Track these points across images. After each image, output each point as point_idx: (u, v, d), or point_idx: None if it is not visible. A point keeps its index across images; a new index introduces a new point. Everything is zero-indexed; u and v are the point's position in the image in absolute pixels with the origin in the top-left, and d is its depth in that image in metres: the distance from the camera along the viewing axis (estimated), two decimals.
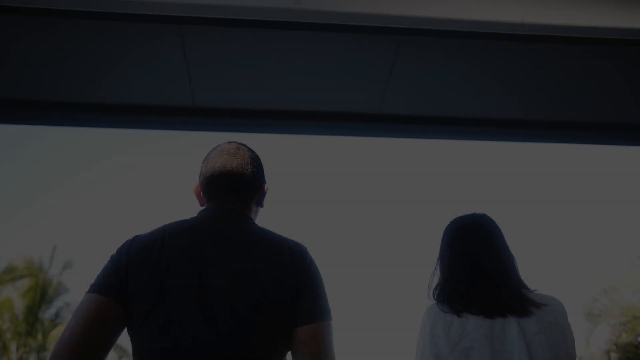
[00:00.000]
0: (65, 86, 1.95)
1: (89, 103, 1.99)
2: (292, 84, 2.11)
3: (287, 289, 0.95)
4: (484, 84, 2.22)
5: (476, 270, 1.08)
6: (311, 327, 0.93)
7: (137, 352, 0.92)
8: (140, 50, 1.86)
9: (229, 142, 1.14)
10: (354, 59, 2.02)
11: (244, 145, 1.14)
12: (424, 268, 1.27)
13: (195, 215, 1.07)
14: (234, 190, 1.07)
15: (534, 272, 1.16)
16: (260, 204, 1.14)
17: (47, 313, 12.03)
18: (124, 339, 0.96)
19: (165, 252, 0.94)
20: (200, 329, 0.89)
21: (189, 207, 1.14)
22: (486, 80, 2.20)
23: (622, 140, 2.65)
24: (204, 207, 1.09)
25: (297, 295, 0.95)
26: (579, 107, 2.42)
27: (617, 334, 8.49)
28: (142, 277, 0.92)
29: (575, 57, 2.10)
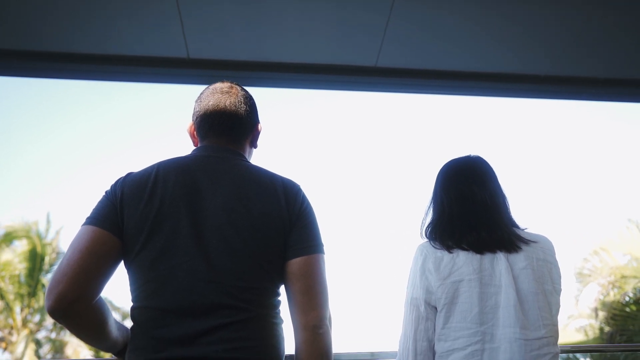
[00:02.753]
0: (52, 36, 1.88)
1: (79, 54, 1.94)
2: (287, 36, 2.07)
3: (279, 223, 0.96)
4: (480, 37, 2.19)
5: (469, 208, 1.10)
6: (303, 259, 0.95)
7: (133, 283, 0.93)
8: None
9: (222, 81, 1.13)
10: (350, 10, 1.98)
11: (238, 84, 1.14)
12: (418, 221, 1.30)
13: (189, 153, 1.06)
14: (227, 128, 1.06)
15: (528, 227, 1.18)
16: (254, 144, 1.15)
17: (47, 277, 12.25)
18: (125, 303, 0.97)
19: (160, 187, 0.94)
20: (195, 260, 0.90)
21: None
22: (483, 33, 2.17)
23: (621, 97, 2.65)
24: (197, 146, 1.09)
25: (289, 229, 0.97)
26: (578, 62, 2.41)
27: (605, 292, 8.77)
28: (136, 211, 0.92)
29: (572, 9, 2.06)
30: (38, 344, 11.32)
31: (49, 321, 11.49)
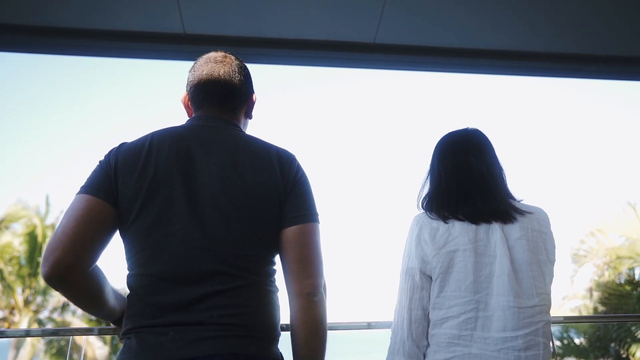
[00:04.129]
0: (44, 10, 1.84)
1: (71, 28, 1.90)
2: (284, 12, 2.04)
3: (274, 192, 0.96)
4: (480, 14, 2.16)
5: (465, 178, 1.10)
6: (298, 227, 0.95)
7: (129, 251, 0.93)
8: None
9: (216, 50, 1.12)
10: None
11: (232, 53, 1.13)
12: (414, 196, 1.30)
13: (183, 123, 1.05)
14: (222, 98, 1.05)
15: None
16: (249, 115, 1.14)
17: None
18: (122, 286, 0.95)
19: (154, 156, 0.94)
20: (190, 227, 0.90)
21: None
22: (482, 10, 2.14)
23: (623, 75, 2.62)
24: (192, 116, 1.08)
25: (284, 198, 0.97)
26: (578, 39, 2.38)
27: (600, 273, 8.88)
28: (130, 179, 0.92)
29: None
30: (40, 323, 11.46)
31: (51, 302, 11.62)
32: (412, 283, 1.04)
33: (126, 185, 0.92)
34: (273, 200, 0.96)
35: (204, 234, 0.90)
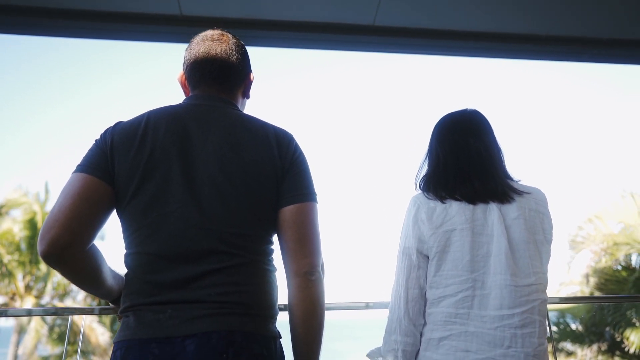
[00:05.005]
0: None
1: (69, 10, 1.87)
2: None
3: (272, 170, 0.95)
4: None
5: (463, 159, 1.10)
6: (296, 207, 0.95)
7: (126, 230, 0.92)
8: None
9: (213, 28, 1.10)
10: None
11: (229, 32, 1.11)
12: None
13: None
14: (219, 77, 1.04)
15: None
16: (246, 94, 1.12)
17: None
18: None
19: (150, 134, 0.93)
20: (187, 206, 0.89)
21: None
22: None
23: (625, 58, 2.59)
24: (189, 95, 1.07)
25: (282, 177, 0.96)
26: (581, 22, 2.35)
27: (597, 259, 8.94)
28: (127, 158, 0.91)
29: None
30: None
31: (50, 287, 11.69)
32: (409, 262, 1.05)
33: (122, 164, 0.92)
34: (270, 179, 0.95)
35: (201, 213, 0.90)
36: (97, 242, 0.93)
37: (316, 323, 0.94)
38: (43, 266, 11.91)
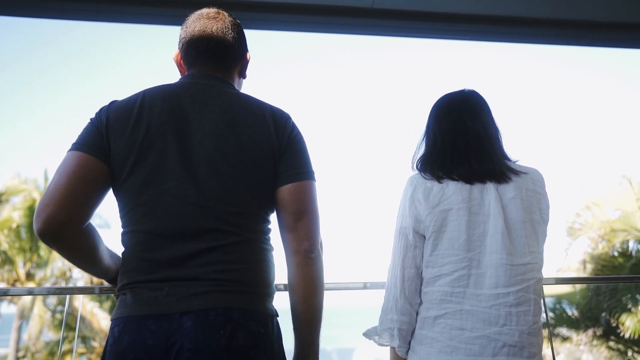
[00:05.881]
0: None
1: None
2: None
3: (269, 149, 0.95)
4: None
5: (460, 139, 1.10)
6: (294, 185, 0.95)
7: (123, 208, 0.92)
8: None
9: (209, 6, 1.08)
10: None
11: (225, 10, 1.10)
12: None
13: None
14: (215, 55, 1.02)
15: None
16: (243, 74, 1.11)
17: None
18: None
19: (146, 113, 0.92)
20: (184, 184, 0.89)
21: None
22: None
23: (626, 42, 2.57)
24: (185, 74, 1.05)
25: (279, 156, 0.96)
26: (581, 4, 2.32)
27: (594, 245, 8.99)
28: (122, 137, 0.91)
29: None
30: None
31: (51, 273, 11.76)
32: (406, 242, 1.05)
33: (118, 142, 0.91)
34: (267, 157, 0.95)
35: (197, 191, 0.90)
36: (102, 230, 0.94)
37: (316, 300, 0.95)
38: (44, 253, 11.96)
